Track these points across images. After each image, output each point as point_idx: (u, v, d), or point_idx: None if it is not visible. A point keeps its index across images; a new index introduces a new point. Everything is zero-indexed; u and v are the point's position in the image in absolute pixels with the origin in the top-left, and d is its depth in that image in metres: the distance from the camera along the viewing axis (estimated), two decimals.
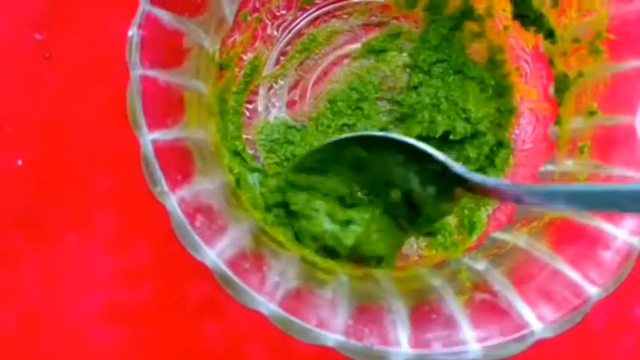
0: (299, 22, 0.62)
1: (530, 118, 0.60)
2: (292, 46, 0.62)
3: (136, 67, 0.42)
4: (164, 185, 0.42)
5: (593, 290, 0.44)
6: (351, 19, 0.64)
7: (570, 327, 0.43)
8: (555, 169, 0.54)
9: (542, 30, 0.57)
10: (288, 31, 0.62)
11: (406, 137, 0.54)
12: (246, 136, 0.60)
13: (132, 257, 0.61)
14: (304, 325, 0.41)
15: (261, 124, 0.61)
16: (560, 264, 0.45)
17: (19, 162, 0.62)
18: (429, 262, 0.57)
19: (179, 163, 0.44)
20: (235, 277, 0.42)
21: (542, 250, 0.48)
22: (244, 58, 0.60)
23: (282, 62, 0.62)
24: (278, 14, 0.61)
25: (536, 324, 0.43)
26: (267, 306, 0.41)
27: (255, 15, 0.59)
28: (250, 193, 0.56)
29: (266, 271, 0.43)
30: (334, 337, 0.42)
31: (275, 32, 0.61)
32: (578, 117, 0.53)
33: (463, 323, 0.43)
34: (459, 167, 0.50)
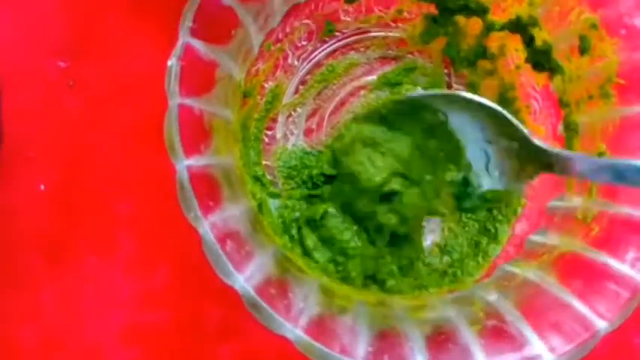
0: (318, 53, 0.64)
1: None
2: (311, 76, 0.64)
3: (174, 95, 0.44)
4: (197, 210, 0.43)
5: (602, 324, 0.45)
6: (368, 52, 0.65)
7: (579, 359, 0.44)
8: (562, 205, 0.55)
9: (554, 74, 0.58)
10: (307, 61, 0.63)
11: (496, 105, 0.55)
12: (265, 162, 0.62)
13: (152, 280, 0.62)
14: (328, 351, 0.42)
15: (280, 151, 0.62)
16: (570, 297, 0.46)
17: (42, 187, 0.63)
18: (441, 292, 0.57)
19: (209, 189, 0.45)
20: (264, 303, 0.42)
21: (551, 283, 0.49)
22: (266, 86, 0.61)
23: (301, 91, 0.63)
24: (299, 45, 0.62)
25: (548, 355, 0.44)
26: (293, 332, 0.42)
27: (278, 45, 0.60)
28: (271, 218, 0.57)
29: (291, 297, 0.45)
30: None
31: (296, 62, 0.63)
32: None
33: (478, 354, 0.44)
34: (540, 142, 0.52)
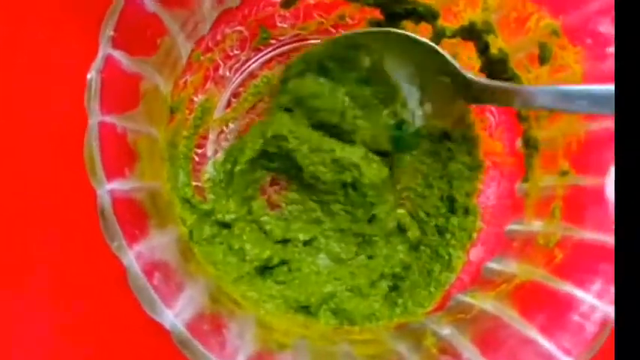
0: (252, 62, 0.65)
1: (494, 172, 0.62)
2: (245, 88, 0.64)
3: (94, 113, 0.44)
4: (122, 239, 0.43)
5: None
6: None
7: None
8: (522, 229, 0.56)
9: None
10: (240, 72, 0.64)
11: (424, 39, 0.58)
12: (195, 183, 0.62)
13: (71, 314, 0.62)
14: None
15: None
16: (532, 331, 0.48)
17: None
18: (391, 324, 0.58)
19: (134, 216, 0.45)
20: (196, 341, 0.43)
21: (511, 315, 0.49)
22: (195, 100, 0.62)
23: (234, 105, 0.64)
24: (231, 54, 0.63)
25: None
26: None
27: (208, 55, 0.61)
28: (202, 246, 0.58)
29: (225, 333, 0.45)
30: None
31: (227, 73, 0.63)
32: (548, 175, 0.55)
33: None
34: (469, 73, 0.56)
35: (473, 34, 0.61)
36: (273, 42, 0.65)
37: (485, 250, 0.61)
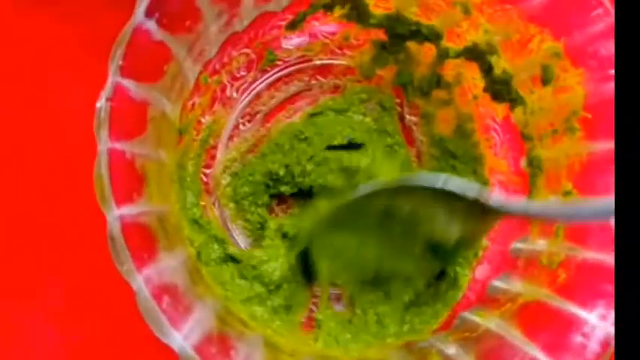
0: (259, 83, 0.66)
1: (499, 191, 0.63)
2: (251, 109, 0.65)
3: (104, 140, 0.45)
4: (131, 264, 0.44)
5: None
6: (312, 81, 0.67)
7: None
8: (526, 248, 0.57)
9: (514, 105, 0.61)
10: (247, 92, 0.65)
11: (435, 177, 0.55)
12: (203, 203, 0.63)
13: (81, 336, 0.63)
14: None
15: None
16: (535, 351, 0.48)
17: None
18: (398, 342, 0.59)
19: (143, 240, 0.47)
20: None
21: (515, 335, 0.50)
22: (203, 121, 0.63)
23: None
24: (238, 76, 0.64)
25: None
26: None
27: (216, 77, 0.62)
28: (210, 266, 0.59)
29: (233, 355, 0.46)
30: None
31: (234, 94, 0.64)
32: (552, 195, 0.56)
33: None
34: (495, 199, 0.53)
35: (476, 54, 0.61)
36: (279, 63, 0.66)
37: (490, 268, 0.62)
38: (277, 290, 0.61)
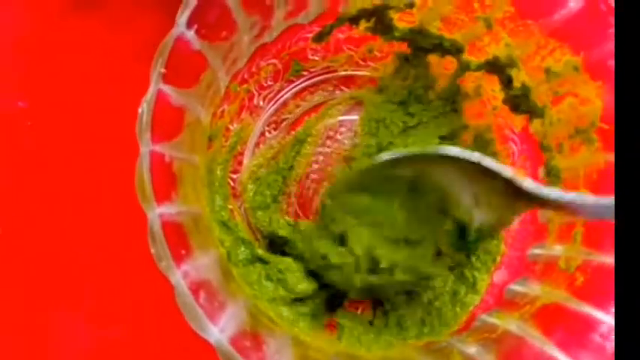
0: (285, 93, 0.68)
1: None
2: (277, 117, 0.68)
3: (146, 143, 0.47)
4: (170, 259, 0.46)
5: None
6: (336, 91, 0.70)
7: None
8: (544, 253, 0.59)
9: (533, 116, 0.63)
10: (274, 101, 0.68)
11: (469, 152, 0.57)
12: (231, 206, 0.65)
13: (125, 330, 0.66)
14: None
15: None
16: (554, 351, 0.50)
17: None
18: (419, 343, 0.61)
19: (180, 237, 0.49)
20: (239, 356, 0.46)
21: (534, 335, 0.52)
22: (231, 128, 0.65)
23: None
24: (265, 85, 0.67)
25: None
26: None
27: (244, 86, 0.65)
28: (240, 268, 0.61)
29: (265, 349, 0.48)
30: None
31: (261, 103, 0.67)
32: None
33: None
34: (528, 183, 0.54)
35: (497, 67, 0.64)
36: (304, 73, 0.69)
37: (508, 273, 0.63)
38: (301, 301, 0.62)
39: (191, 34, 0.50)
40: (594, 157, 0.56)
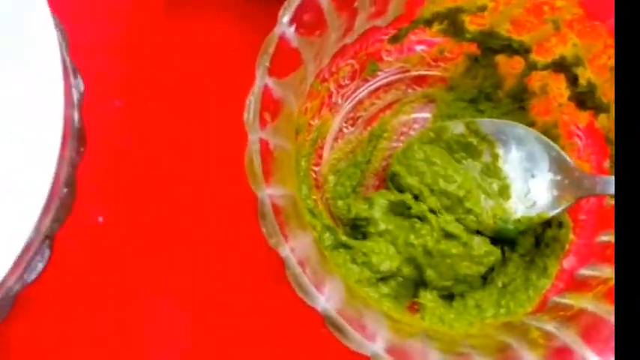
0: (361, 92, 0.73)
1: None
2: (354, 114, 0.73)
3: (255, 130, 0.52)
4: (280, 236, 0.51)
5: None
6: (409, 90, 0.74)
7: None
8: (612, 240, 0.63)
9: (599, 112, 0.66)
10: (350, 99, 0.72)
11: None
12: (314, 197, 0.69)
13: (237, 302, 0.71)
14: None
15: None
16: None
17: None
18: (496, 322, 0.65)
19: (283, 218, 0.53)
20: (345, 323, 0.50)
21: (610, 312, 0.55)
22: (312, 123, 0.70)
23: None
24: (343, 84, 0.71)
25: None
26: (372, 350, 0.50)
27: (325, 85, 0.69)
28: (327, 252, 0.65)
29: (364, 320, 0.52)
30: None
31: (339, 100, 0.71)
32: None
33: None
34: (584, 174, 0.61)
35: (563, 67, 0.67)
36: (379, 73, 0.73)
37: (577, 259, 0.66)
38: (385, 281, 0.66)
39: (291, 32, 0.54)
40: None
